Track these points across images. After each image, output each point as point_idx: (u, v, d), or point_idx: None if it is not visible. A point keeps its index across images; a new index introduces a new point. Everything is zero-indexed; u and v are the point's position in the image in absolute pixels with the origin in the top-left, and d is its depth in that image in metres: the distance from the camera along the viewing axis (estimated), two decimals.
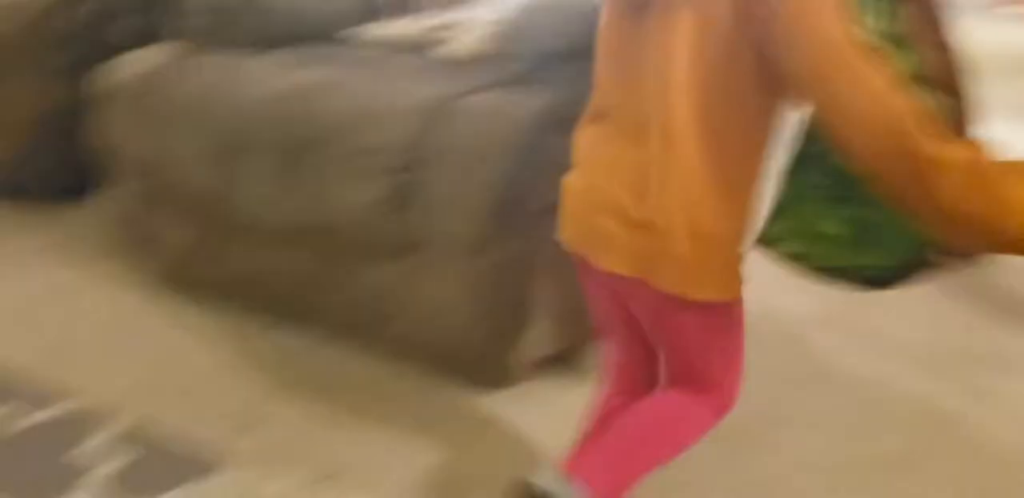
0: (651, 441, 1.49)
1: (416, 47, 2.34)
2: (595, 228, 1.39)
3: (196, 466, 1.87)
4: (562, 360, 2.15)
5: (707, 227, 1.30)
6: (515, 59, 1.88)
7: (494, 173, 1.76)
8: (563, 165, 1.46)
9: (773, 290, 2.44)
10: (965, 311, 2.56)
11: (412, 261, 1.94)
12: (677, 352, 1.48)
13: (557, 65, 1.85)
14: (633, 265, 1.35)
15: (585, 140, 1.45)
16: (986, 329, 2.48)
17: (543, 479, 1.42)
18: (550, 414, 1.99)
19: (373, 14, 2.55)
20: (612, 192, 1.36)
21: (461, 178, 1.78)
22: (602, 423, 1.57)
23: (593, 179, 1.41)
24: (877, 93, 1.12)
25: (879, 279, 1.44)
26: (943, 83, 1.24)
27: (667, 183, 1.28)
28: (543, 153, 1.76)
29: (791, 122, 1.37)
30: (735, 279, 1.38)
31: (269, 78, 2.14)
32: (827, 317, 2.49)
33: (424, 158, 1.83)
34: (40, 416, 2.01)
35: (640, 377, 1.59)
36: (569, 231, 1.46)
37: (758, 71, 1.21)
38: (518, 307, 1.92)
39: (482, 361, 2.02)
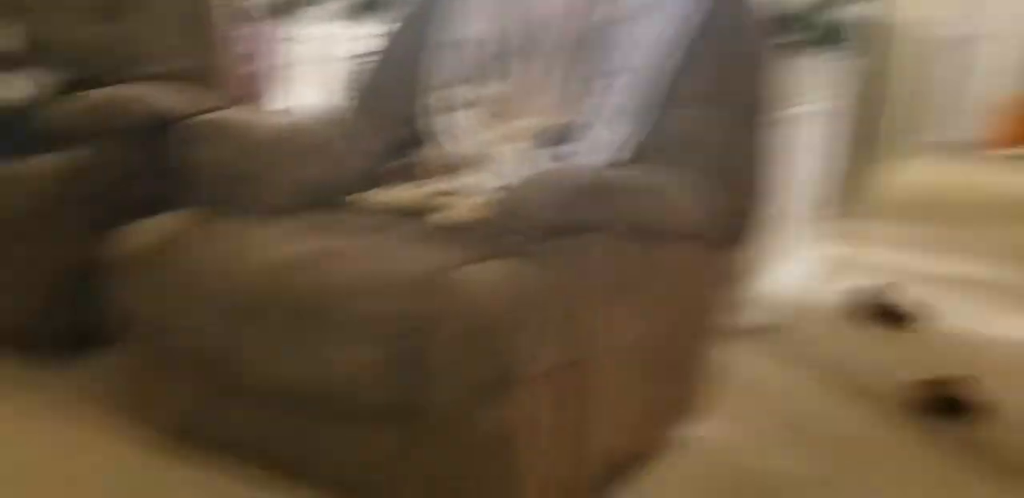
0: None
1: (417, 213, 2.45)
2: None
3: None
4: None
5: None
6: (511, 230, 1.96)
7: (491, 342, 1.81)
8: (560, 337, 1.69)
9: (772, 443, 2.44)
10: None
11: (408, 428, 1.97)
12: None
13: (554, 239, 1.93)
14: None
15: None
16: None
17: None
18: None
19: (377, 180, 2.69)
20: None
21: (459, 347, 1.84)
22: None
23: None
24: None
25: None
26: None
27: None
28: (540, 324, 1.82)
29: None
30: None
31: (277, 246, 2.24)
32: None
33: (421, 327, 1.89)
34: None
35: None
36: None
37: None
38: (513, 477, 1.93)
39: None
